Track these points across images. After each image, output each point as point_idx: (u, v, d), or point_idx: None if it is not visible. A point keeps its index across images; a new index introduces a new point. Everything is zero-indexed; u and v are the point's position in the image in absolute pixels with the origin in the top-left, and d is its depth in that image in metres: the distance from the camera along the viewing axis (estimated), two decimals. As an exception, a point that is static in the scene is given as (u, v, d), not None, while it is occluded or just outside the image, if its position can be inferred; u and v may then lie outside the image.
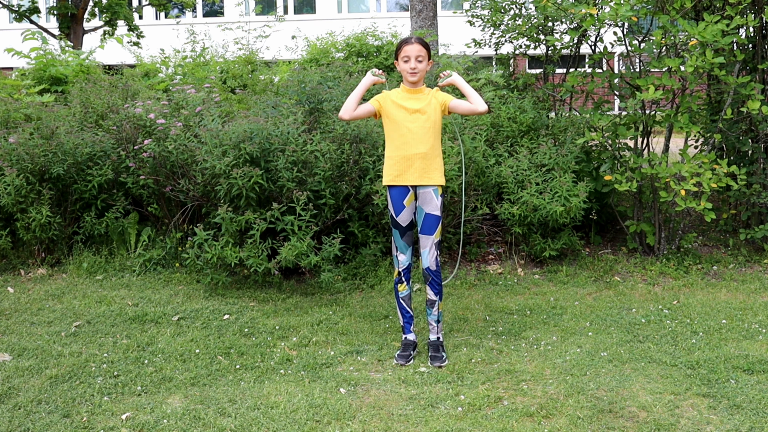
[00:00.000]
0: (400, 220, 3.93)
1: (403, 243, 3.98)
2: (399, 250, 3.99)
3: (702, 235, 6.29)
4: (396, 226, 3.95)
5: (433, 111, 3.91)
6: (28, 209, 5.54)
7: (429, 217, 3.91)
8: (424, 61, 3.90)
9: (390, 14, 22.15)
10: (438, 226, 3.92)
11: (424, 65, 3.90)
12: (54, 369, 3.81)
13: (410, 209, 3.93)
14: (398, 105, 3.91)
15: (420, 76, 3.91)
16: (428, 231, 3.91)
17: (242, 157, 5.02)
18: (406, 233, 3.96)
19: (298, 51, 10.77)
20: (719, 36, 4.87)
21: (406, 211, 3.92)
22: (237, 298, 4.98)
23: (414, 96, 3.94)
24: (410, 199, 3.92)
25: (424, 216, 3.92)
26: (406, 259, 3.99)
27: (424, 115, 3.88)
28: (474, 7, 7.42)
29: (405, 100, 3.93)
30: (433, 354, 3.93)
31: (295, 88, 5.89)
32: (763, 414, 3.26)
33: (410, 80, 3.91)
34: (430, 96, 3.95)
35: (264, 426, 3.21)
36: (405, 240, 3.97)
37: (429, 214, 3.91)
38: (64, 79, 7.86)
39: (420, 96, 3.94)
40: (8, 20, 23.66)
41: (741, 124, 5.82)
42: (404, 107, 3.90)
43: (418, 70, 3.88)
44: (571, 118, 6.23)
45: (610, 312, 4.69)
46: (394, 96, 3.96)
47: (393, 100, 3.93)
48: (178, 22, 15.93)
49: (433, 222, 3.91)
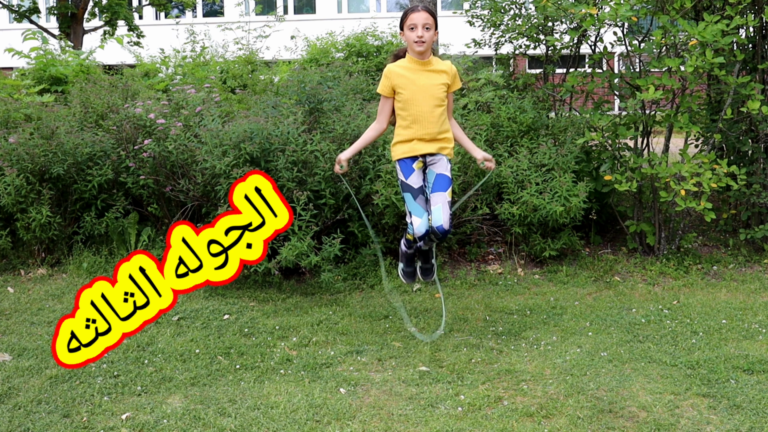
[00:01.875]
0: (410, 181, 3.77)
1: (417, 205, 3.75)
2: (414, 214, 3.75)
3: (702, 235, 6.29)
4: (407, 189, 3.78)
5: (441, 87, 3.77)
6: (28, 209, 5.54)
7: (441, 176, 3.77)
8: (432, 29, 3.72)
9: (390, 14, 22.12)
10: (450, 186, 3.77)
11: (431, 34, 3.72)
12: (54, 369, 3.81)
13: (419, 174, 3.79)
14: (408, 84, 3.74)
15: (427, 45, 3.72)
16: (441, 188, 3.74)
17: (242, 157, 5.02)
18: (418, 195, 3.77)
19: (298, 51, 10.76)
20: (719, 36, 4.87)
21: (415, 174, 3.78)
22: (237, 298, 4.98)
23: (422, 69, 3.77)
24: (419, 164, 3.80)
25: (435, 176, 3.77)
26: (423, 224, 3.71)
27: (434, 92, 3.74)
28: (474, 7, 7.41)
29: (414, 74, 3.76)
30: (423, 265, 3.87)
31: (295, 88, 5.89)
32: (763, 414, 3.26)
33: (417, 50, 3.72)
34: (441, 69, 3.79)
35: (264, 426, 3.21)
36: (419, 202, 3.76)
37: (441, 174, 3.77)
38: (64, 79, 7.86)
39: (429, 69, 3.77)
40: (8, 20, 23.66)
41: (741, 124, 5.82)
42: (414, 84, 3.74)
43: (426, 38, 3.69)
44: (571, 118, 6.23)
45: (610, 312, 4.69)
46: (403, 71, 3.77)
47: (403, 78, 3.75)
48: (178, 22, 15.92)
49: (445, 181, 3.77)
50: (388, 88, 3.82)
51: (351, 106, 5.72)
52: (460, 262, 5.72)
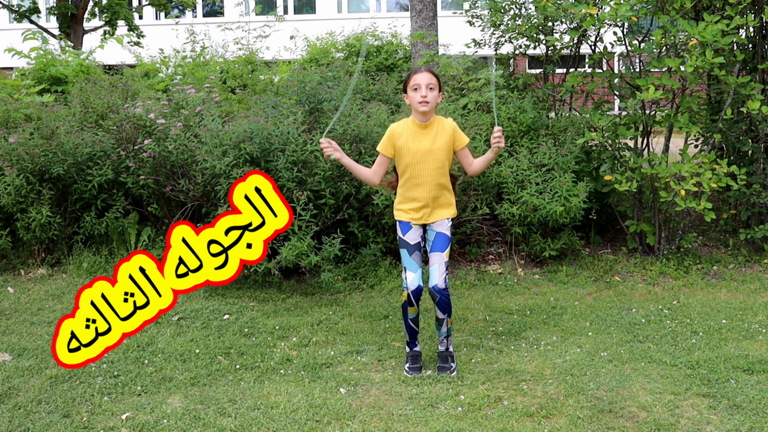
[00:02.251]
0: (407, 238, 3.76)
1: (412, 261, 3.73)
2: (408, 269, 3.73)
3: (702, 235, 6.29)
4: (403, 245, 3.77)
5: (445, 150, 3.70)
6: (28, 209, 5.54)
7: (440, 236, 3.76)
8: (435, 89, 3.64)
9: (390, 14, 22.14)
10: (448, 246, 3.77)
11: (435, 94, 3.64)
12: (54, 369, 3.80)
13: (418, 230, 3.78)
14: (409, 146, 3.68)
15: (431, 106, 3.63)
16: (439, 248, 3.74)
17: (242, 157, 5.02)
18: (414, 252, 3.75)
19: (298, 51, 10.77)
20: (719, 36, 4.87)
21: (413, 231, 3.76)
22: (237, 298, 4.98)
23: (426, 132, 3.69)
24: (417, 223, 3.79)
25: (435, 235, 3.77)
26: (416, 279, 3.70)
27: (437, 156, 3.68)
28: (474, 7, 7.42)
29: (416, 138, 3.68)
30: (441, 365, 3.81)
31: (295, 88, 5.89)
32: (763, 414, 3.26)
33: (421, 110, 3.63)
34: (442, 130, 3.71)
35: (264, 426, 3.21)
36: (414, 259, 3.73)
37: (440, 233, 3.76)
38: (64, 79, 7.86)
39: (432, 131, 3.70)
40: (8, 20, 23.67)
41: (741, 124, 5.82)
42: (416, 149, 3.67)
43: (429, 98, 3.61)
44: (571, 118, 6.23)
45: (610, 312, 4.69)
46: (405, 134, 3.71)
47: (404, 141, 3.69)
48: (178, 22, 15.92)
49: (445, 240, 3.76)
50: (389, 148, 3.75)
51: (351, 106, 5.72)
52: (460, 262, 5.72)
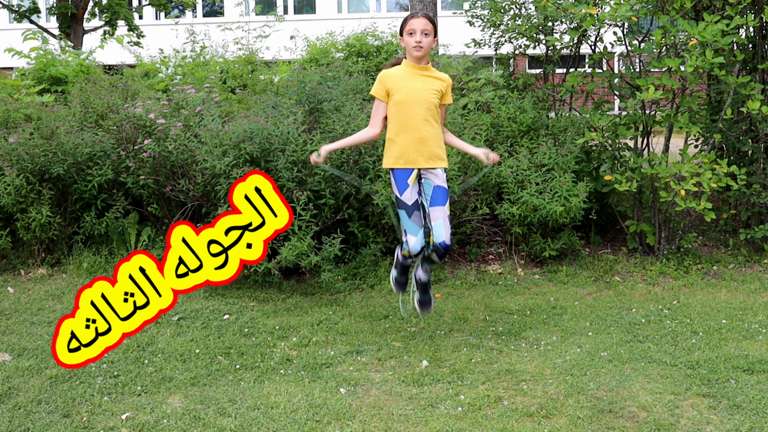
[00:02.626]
0: (404, 198, 3.75)
1: (412, 223, 3.75)
2: (409, 233, 3.75)
3: (702, 235, 6.29)
4: (401, 206, 3.77)
5: (436, 94, 3.77)
6: (28, 209, 5.54)
7: (439, 189, 3.75)
8: (430, 35, 3.73)
9: (390, 14, 22.14)
10: (448, 198, 3.77)
11: (429, 40, 3.73)
12: (54, 369, 3.80)
13: (414, 189, 3.78)
14: (402, 86, 3.74)
15: (425, 51, 3.74)
16: (440, 201, 3.74)
17: (242, 157, 5.02)
18: (413, 212, 3.76)
19: (298, 51, 10.77)
20: (719, 36, 4.87)
21: (410, 189, 3.76)
22: (237, 298, 4.98)
23: (419, 74, 3.78)
24: (413, 177, 3.78)
25: (433, 188, 3.76)
26: (418, 241, 3.73)
27: (427, 96, 3.74)
28: (474, 7, 7.41)
29: (410, 79, 3.76)
30: (422, 297, 3.85)
31: (295, 88, 5.89)
32: (763, 414, 3.26)
33: (415, 55, 3.74)
34: (438, 79, 3.80)
35: (264, 426, 3.21)
36: (414, 220, 3.75)
37: (438, 186, 3.76)
38: (64, 79, 7.86)
39: (425, 75, 3.78)
40: (8, 20, 23.66)
41: (741, 124, 5.82)
42: (409, 88, 3.74)
43: (424, 44, 3.71)
44: (571, 118, 6.23)
45: (610, 312, 4.69)
46: (398, 75, 3.77)
47: (397, 81, 3.75)
48: (178, 22, 15.92)
49: (444, 193, 3.76)
50: (382, 90, 3.81)
51: (351, 106, 5.72)
52: (460, 262, 5.72)
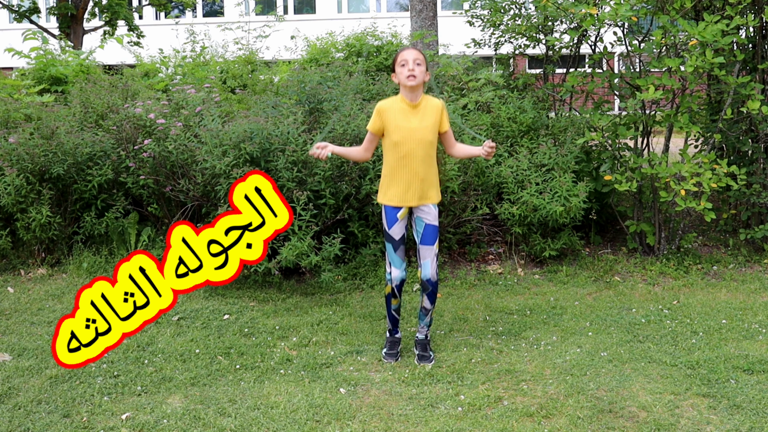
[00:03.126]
0: (392, 232, 3.81)
1: (396, 257, 3.84)
2: (393, 265, 3.85)
3: (702, 235, 6.29)
4: (389, 239, 3.83)
5: (432, 129, 3.76)
6: (28, 209, 5.54)
7: (429, 227, 3.81)
8: (423, 65, 3.72)
9: (390, 14, 22.14)
10: (438, 237, 3.84)
11: (422, 69, 3.71)
12: (54, 369, 3.81)
13: (403, 223, 3.82)
14: (399, 126, 3.73)
15: (418, 80, 3.70)
16: (430, 241, 3.80)
17: (242, 157, 5.02)
18: (399, 247, 3.83)
19: (298, 51, 10.77)
20: (719, 36, 4.87)
21: (398, 224, 3.81)
22: (237, 298, 4.98)
23: (414, 111, 3.76)
24: (404, 213, 3.81)
25: (424, 226, 3.81)
26: (400, 274, 3.84)
27: (424, 135, 3.73)
28: (474, 7, 7.42)
29: (405, 117, 3.75)
30: (421, 353, 3.92)
31: (295, 88, 5.89)
32: (763, 414, 3.26)
33: (408, 85, 3.70)
34: (430, 110, 3.78)
35: (264, 426, 3.21)
36: (399, 254, 3.84)
37: (429, 224, 3.81)
38: (64, 79, 7.86)
39: (420, 110, 3.76)
40: (8, 20, 23.67)
41: (741, 124, 5.82)
42: (404, 126, 3.73)
43: (417, 73, 3.68)
44: (571, 118, 6.23)
45: (610, 312, 4.69)
46: (393, 111, 3.77)
47: (393, 120, 3.75)
48: (178, 22, 15.92)
49: (434, 232, 3.81)
50: (378, 125, 3.80)
51: (351, 106, 5.72)
52: (460, 262, 5.72)
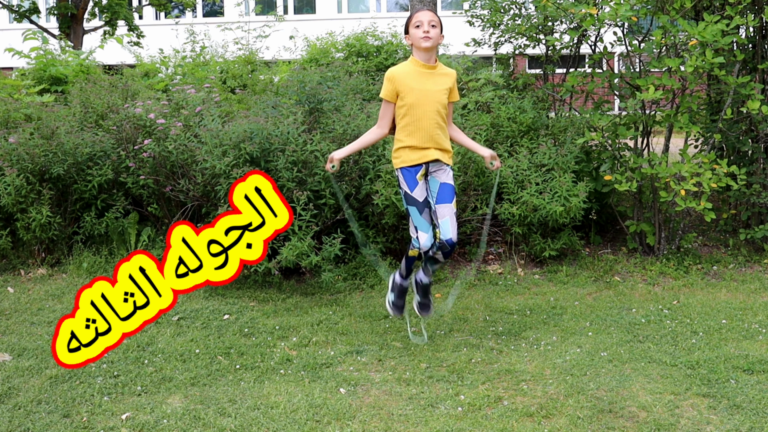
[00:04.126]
0: (415, 194, 3.72)
1: (423, 220, 3.73)
2: (420, 229, 3.73)
3: (702, 235, 6.29)
4: (412, 202, 3.74)
5: (446, 93, 3.73)
6: (28, 209, 5.54)
7: (445, 186, 3.73)
8: (438, 27, 3.67)
9: (390, 14, 22.14)
10: (455, 195, 3.76)
11: (437, 32, 3.66)
12: (54, 369, 3.80)
13: (423, 185, 3.76)
14: (413, 87, 3.67)
15: (434, 42, 3.65)
16: (447, 199, 3.73)
17: (242, 157, 5.02)
18: (424, 210, 3.74)
19: (298, 51, 10.77)
20: (719, 36, 4.87)
21: (419, 186, 3.74)
22: (237, 298, 4.98)
23: (428, 73, 3.70)
24: (422, 174, 3.75)
25: (439, 186, 3.73)
26: (429, 238, 3.72)
27: (439, 97, 3.69)
28: (474, 7, 7.41)
29: (419, 79, 3.69)
30: (422, 301, 3.89)
31: (295, 88, 5.89)
32: (763, 414, 3.26)
33: (423, 46, 3.63)
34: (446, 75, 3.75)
35: (264, 426, 3.21)
36: (424, 217, 3.73)
37: (445, 183, 3.74)
38: (64, 79, 7.86)
39: (435, 73, 3.72)
40: (8, 20, 23.67)
41: (741, 124, 5.82)
42: (418, 88, 3.67)
43: (432, 35, 3.63)
44: (571, 118, 6.23)
45: (610, 312, 4.69)
46: (407, 75, 3.70)
47: (407, 82, 3.68)
48: (178, 22, 15.92)
49: (450, 190, 3.74)
50: (391, 92, 3.73)
51: (351, 106, 5.72)
52: (460, 262, 5.72)
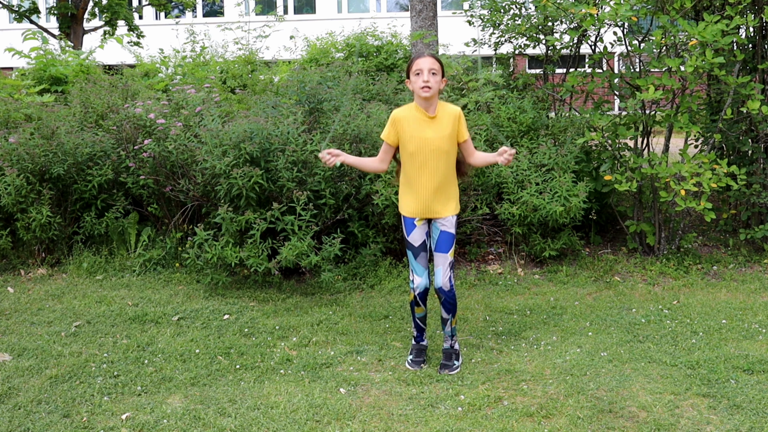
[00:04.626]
0: (411, 239, 3.76)
1: (418, 265, 3.77)
2: (414, 273, 3.78)
3: (702, 235, 6.29)
4: (409, 247, 3.79)
5: (449, 139, 3.68)
6: (28, 209, 5.54)
7: (444, 234, 3.75)
8: (438, 74, 3.62)
9: (390, 14, 22.15)
10: (453, 245, 3.77)
11: (437, 79, 3.62)
12: (54, 369, 3.81)
13: (422, 229, 3.77)
14: (414, 136, 3.65)
15: (434, 91, 3.60)
16: (443, 248, 3.75)
17: (242, 157, 5.02)
18: (420, 254, 3.77)
19: (297, 51, 10.78)
20: (719, 36, 4.87)
21: (417, 230, 3.76)
22: (237, 298, 4.98)
23: (430, 120, 3.67)
24: (421, 219, 3.77)
25: (439, 233, 3.76)
26: (423, 282, 3.77)
27: (440, 145, 3.66)
28: (474, 7, 7.42)
29: (420, 127, 3.66)
30: (444, 362, 3.83)
31: (295, 88, 5.90)
32: (763, 414, 3.26)
33: (423, 96, 3.60)
34: (447, 119, 3.69)
35: (264, 426, 3.21)
36: (420, 262, 3.77)
37: (444, 231, 3.75)
38: (64, 79, 7.86)
39: (436, 120, 3.67)
40: (8, 20, 23.67)
41: (741, 124, 5.83)
42: (419, 136, 3.65)
43: (432, 84, 3.58)
44: (571, 118, 6.23)
45: (610, 312, 4.69)
46: (409, 122, 3.68)
47: (408, 129, 3.67)
48: (178, 22, 15.92)
49: (448, 239, 3.76)
50: (393, 135, 3.73)
51: (351, 106, 5.73)
52: (460, 262, 5.72)
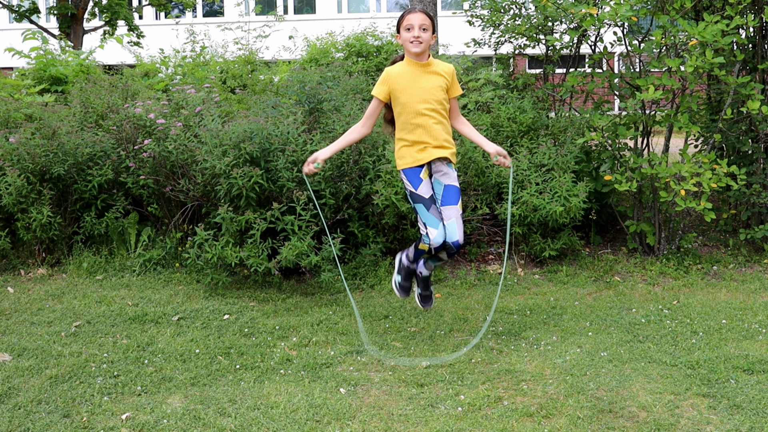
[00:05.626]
0: (420, 192, 3.70)
1: (431, 216, 3.66)
2: (429, 225, 3.66)
3: (702, 235, 6.29)
4: (418, 200, 3.71)
5: (441, 89, 3.70)
6: (28, 209, 5.54)
7: (450, 188, 3.70)
8: (429, 30, 3.65)
9: (390, 14, 22.13)
10: (460, 197, 3.73)
11: (428, 35, 3.64)
12: (54, 369, 3.81)
13: (427, 182, 3.73)
14: (407, 87, 3.66)
15: (424, 46, 3.63)
16: (452, 200, 3.69)
17: (242, 157, 5.02)
18: (431, 206, 3.70)
19: (297, 51, 10.78)
20: (719, 36, 4.87)
21: (424, 183, 3.71)
22: (237, 298, 4.98)
23: (422, 72, 3.69)
24: (425, 173, 3.73)
25: (444, 188, 3.71)
26: (440, 234, 3.64)
27: (433, 94, 3.67)
28: (474, 7, 7.42)
29: (413, 78, 3.68)
30: (423, 292, 3.84)
31: (295, 88, 5.90)
32: (763, 414, 3.26)
33: (413, 50, 3.63)
34: (441, 71, 3.71)
35: (264, 426, 3.21)
36: (432, 213, 3.67)
37: (449, 185, 3.71)
38: (64, 79, 7.86)
39: (428, 71, 3.70)
40: (8, 20, 23.67)
41: (741, 124, 5.83)
42: (414, 88, 3.66)
43: (423, 39, 3.62)
44: (571, 118, 6.23)
45: (610, 312, 4.69)
46: (401, 75, 3.69)
47: (401, 82, 3.67)
48: (178, 22, 15.92)
49: (455, 192, 3.71)
50: (384, 92, 3.73)
51: (351, 106, 5.73)
52: (460, 262, 5.72)
